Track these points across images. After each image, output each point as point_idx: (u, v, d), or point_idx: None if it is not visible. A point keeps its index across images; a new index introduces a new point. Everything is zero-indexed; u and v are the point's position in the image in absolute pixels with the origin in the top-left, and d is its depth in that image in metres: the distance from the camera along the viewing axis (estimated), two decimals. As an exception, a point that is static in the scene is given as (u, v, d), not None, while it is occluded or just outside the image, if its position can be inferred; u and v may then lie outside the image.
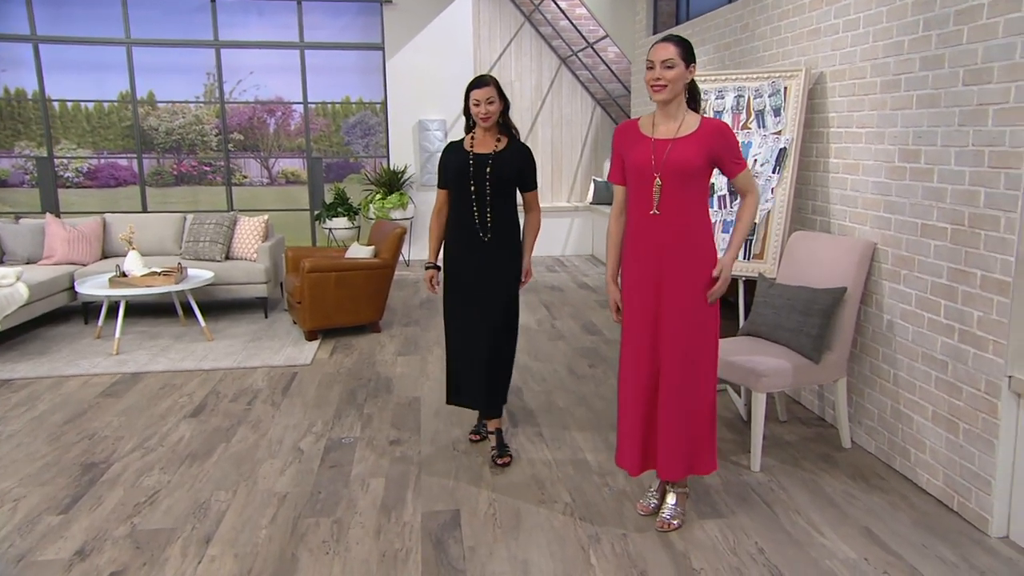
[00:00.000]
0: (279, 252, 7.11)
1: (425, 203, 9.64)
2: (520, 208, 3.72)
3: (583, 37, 9.64)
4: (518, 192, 3.69)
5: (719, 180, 4.47)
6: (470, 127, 3.66)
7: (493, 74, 11.34)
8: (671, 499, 3.12)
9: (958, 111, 3.13)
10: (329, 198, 9.45)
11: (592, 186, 10.21)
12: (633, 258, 2.98)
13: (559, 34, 10.20)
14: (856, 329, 3.82)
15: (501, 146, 3.58)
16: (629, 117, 10.41)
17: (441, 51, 9.48)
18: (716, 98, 4.57)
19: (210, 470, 3.65)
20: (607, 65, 9.79)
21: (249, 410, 4.44)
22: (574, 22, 9.54)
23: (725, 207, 4.49)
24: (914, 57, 3.40)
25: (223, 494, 3.40)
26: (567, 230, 10.20)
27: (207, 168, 13.30)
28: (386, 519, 3.18)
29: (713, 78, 4.61)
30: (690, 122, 2.87)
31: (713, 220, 4.44)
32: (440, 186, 3.73)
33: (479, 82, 3.51)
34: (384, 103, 9.74)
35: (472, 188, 3.55)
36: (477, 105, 3.49)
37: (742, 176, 2.94)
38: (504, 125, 3.61)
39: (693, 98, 2.95)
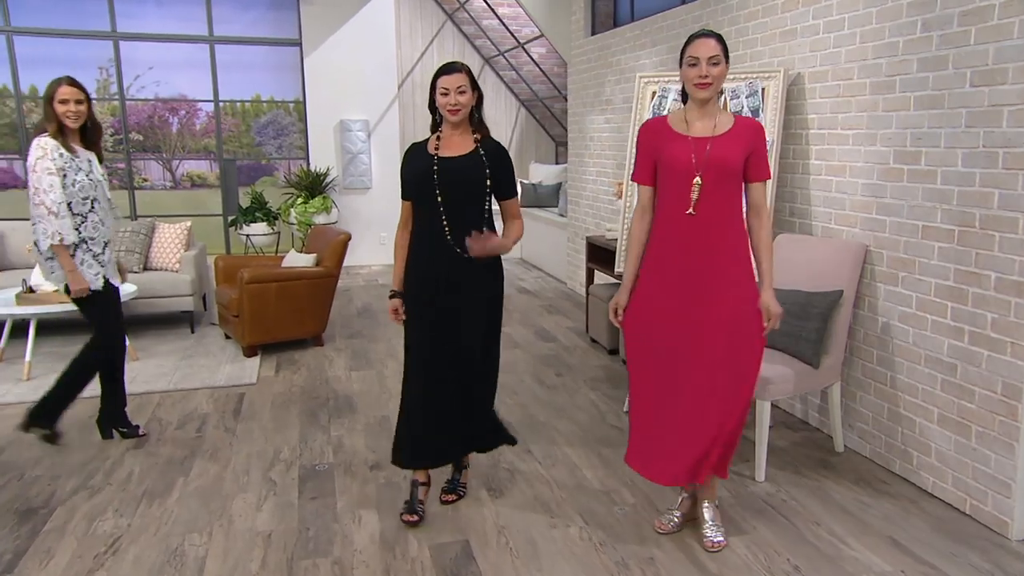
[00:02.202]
0: (203, 261, 6.57)
1: (348, 207, 9.20)
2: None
3: (514, 37, 9.47)
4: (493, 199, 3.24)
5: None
6: (436, 125, 3.21)
7: (415, 74, 10.92)
8: (708, 514, 2.96)
9: (965, 112, 3.12)
10: (245, 202, 8.88)
11: (519, 189, 10.05)
12: (658, 259, 2.84)
13: (484, 33, 9.99)
14: (848, 332, 3.79)
15: (473, 147, 3.11)
16: (556, 119, 10.30)
17: (362, 48, 9.07)
18: (691, 98, 4.46)
19: (174, 509, 3.22)
20: (536, 64, 9.65)
21: (201, 438, 4.00)
22: (504, 21, 9.36)
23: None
24: (911, 58, 3.39)
25: (197, 537, 3.00)
26: (495, 234, 9.97)
27: (101, 170, 12.32)
28: (391, 556, 2.88)
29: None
30: (724, 120, 2.75)
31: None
32: (403, 197, 3.19)
33: (448, 68, 3.01)
34: (303, 102, 9.24)
35: (439, 198, 3.04)
36: (446, 95, 3.00)
37: (760, 187, 2.80)
38: (478, 122, 3.16)
39: None
